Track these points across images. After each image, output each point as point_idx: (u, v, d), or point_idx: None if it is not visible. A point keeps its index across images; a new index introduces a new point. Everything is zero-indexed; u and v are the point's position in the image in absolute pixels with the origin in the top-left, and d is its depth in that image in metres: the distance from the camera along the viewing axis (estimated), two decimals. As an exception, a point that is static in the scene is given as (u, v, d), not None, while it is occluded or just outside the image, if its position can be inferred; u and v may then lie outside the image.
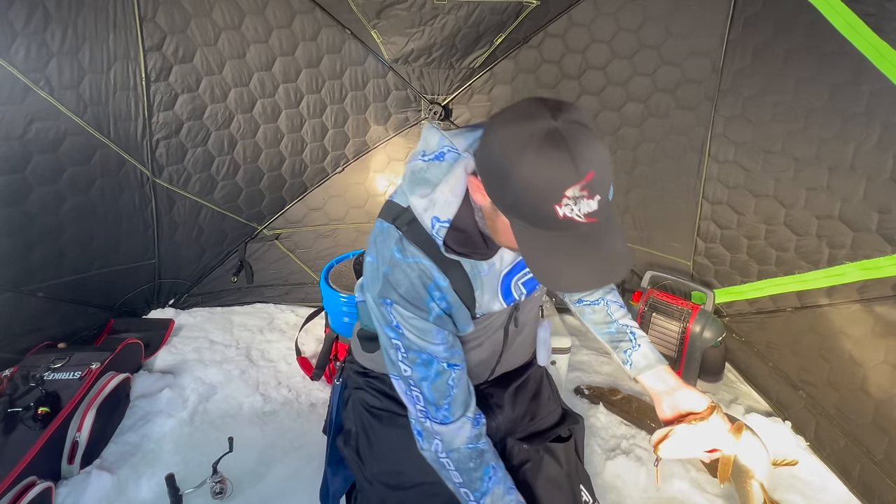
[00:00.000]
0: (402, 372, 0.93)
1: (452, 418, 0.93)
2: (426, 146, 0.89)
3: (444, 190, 0.83)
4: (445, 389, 0.92)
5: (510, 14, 2.20)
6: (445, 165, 0.85)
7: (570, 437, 1.21)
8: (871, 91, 1.60)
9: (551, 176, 0.67)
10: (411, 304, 0.87)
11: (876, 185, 1.64)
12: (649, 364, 1.09)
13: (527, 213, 0.71)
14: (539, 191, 0.68)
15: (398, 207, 0.91)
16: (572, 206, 0.67)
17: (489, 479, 0.95)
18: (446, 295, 0.90)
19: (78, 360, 1.89)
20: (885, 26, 1.51)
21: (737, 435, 0.97)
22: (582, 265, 0.74)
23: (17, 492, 1.42)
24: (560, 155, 0.66)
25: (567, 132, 0.67)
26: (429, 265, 0.87)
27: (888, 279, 1.65)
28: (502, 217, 0.76)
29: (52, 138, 1.87)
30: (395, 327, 0.89)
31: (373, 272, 0.90)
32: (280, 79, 2.34)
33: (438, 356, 0.91)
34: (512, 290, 0.99)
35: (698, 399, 1.00)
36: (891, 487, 1.61)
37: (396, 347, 0.91)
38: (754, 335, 2.26)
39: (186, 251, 2.53)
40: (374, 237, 0.92)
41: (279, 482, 1.73)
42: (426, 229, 0.86)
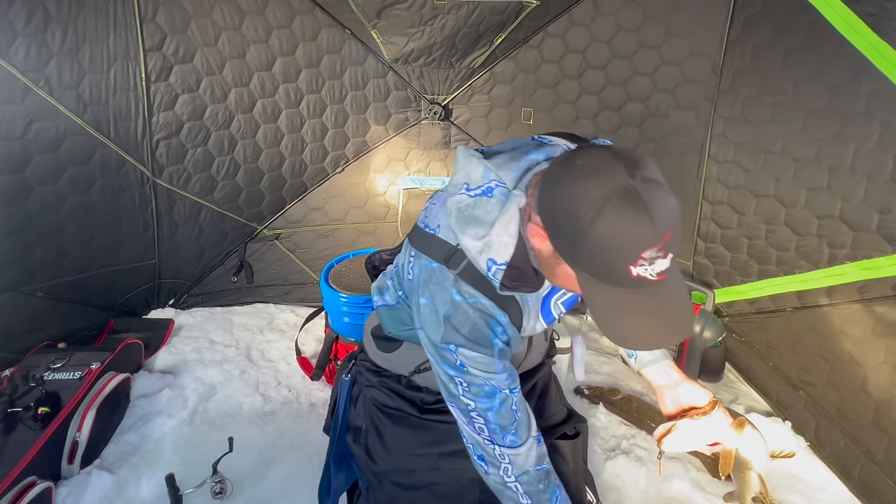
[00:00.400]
0: (466, 405, 0.91)
1: (520, 441, 0.93)
2: (468, 178, 0.85)
3: (498, 231, 0.81)
4: (511, 415, 0.92)
5: (510, 14, 2.20)
6: (495, 203, 0.82)
7: (576, 436, 1.21)
8: (871, 91, 1.60)
9: (630, 238, 0.66)
10: (476, 343, 0.86)
11: (876, 185, 1.64)
12: (654, 358, 1.10)
13: (597, 270, 0.70)
14: (615, 251, 0.67)
15: (447, 246, 0.87)
16: (647, 266, 0.67)
17: (556, 499, 0.96)
18: (507, 330, 0.89)
19: (78, 360, 1.89)
20: (885, 26, 1.52)
21: (739, 430, 0.99)
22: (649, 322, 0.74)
23: (17, 492, 1.42)
24: (640, 217, 0.65)
25: (645, 192, 0.65)
26: (488, 304, 0.86)
27: (888, 279, 1.65)
28: (564, 266, 0.75)
29: (52, 138, 1.87)
30: (459, 367, 0.88)
31: (431, 315, 0.87)
32: (280, 79, 2.34)
33: (501, 386, 0.90)
34: (552, 309, 0.99)
35: (700, 394, 1.02)
36: (891, 487, 1.61)
37: (458, 384, 0.90)
38: (754, 335, 2.26)
39: (186, 251, 2.53)
40: (423, 277, 0.88)
41: (279, 482, 1.73)
42: (480, 270, 0.84)
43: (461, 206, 0.84)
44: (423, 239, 0.91)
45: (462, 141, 2.73)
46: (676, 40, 2.26)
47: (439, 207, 0.93)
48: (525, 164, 0.84)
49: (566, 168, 0.72)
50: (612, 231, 0.66)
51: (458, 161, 0.88)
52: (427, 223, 0.93)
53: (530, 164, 0.85)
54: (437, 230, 0.90)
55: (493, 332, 0.87)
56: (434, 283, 0.87)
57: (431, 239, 0.90)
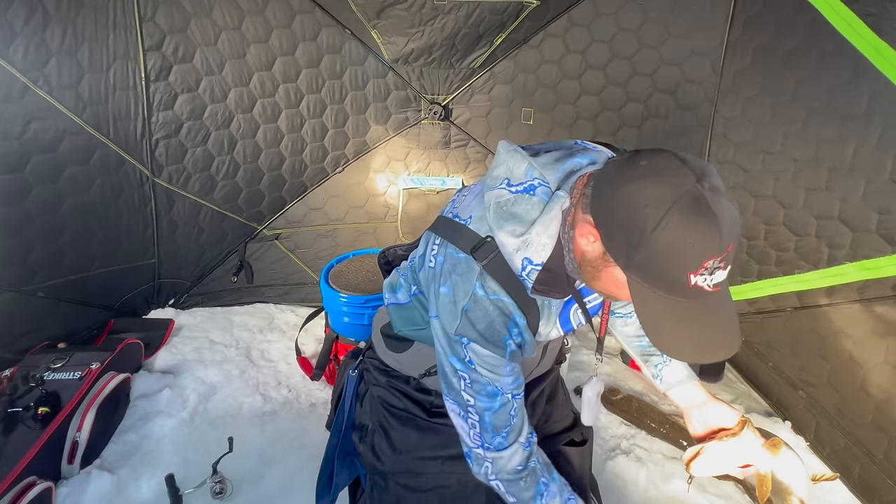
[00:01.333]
0: (465, 400, 0.90)
1: (507, 444, 0.92)
2: (510, 174, 0.82)
3: (539, 231, 0.79)
4: (506, 419, 0.91)
5: (510, 14, 2.20)
6: (537, 202, 0.79)
7: (584, 442, 1.21)
8: (871, 91, 1.61)
9: (695, 245, 0.63)
10: (489, 341, 0.84)
11: (875, 186, 1.64)
12: (680, 380, 1.07)
13: (654, 276, 0.67)
14: (678, 257, 0.64)
15: (475, 237, 0.84)
16: (707, 276, 0.65)
17: (541, 496, 0.94)
18: (523, 333, 0.87)
19: (78, 360, 1.89)
20: (885, 26, 1.52)
21: (773, 451, 0.93)
22: (698, 334, 0.71)
23: (17, 492, 1.42)
24: (708, 225, 0.63)
25: (713, 200, 0.64)
26: (510, 303, 0.83)
27: (888, 279, 1.65)
28: (612, 270, 0.73)
29: (51, 138, 1.87)
30: (468, 363, 0.87)
31: (449, 305, 0.85)
32: (280, 79, 2.34)
33: (504, 388, 0.89)
34: (571, 318, 0.97)
35: (729, 414, 0.98)
36: (891, 487, 1.61)
37: (462, 378, 0.89)
38: (754, 335, 2.26)
39: (186, 251, 2.53)
40: (447, 266, 0.86)
41: (279, 482, 1.73)
42: (513, 268, 0.82)
43: (501, 202, 0.82)
44: (451, 229, 0.89)
45: (462, 141, 2.73)
46: (676, 40, 2.26)
47: (472, 199, 0.91)
48: (569, 167, 0.83)
49: (629, 168, 0.69)
50: (678, 236, 0.64)
51: (499, 155, 0.86)
52: (457, 213, 0.91)
53: (574, 168, 0.83)
54: (468, 221, 0.87)
55: (508, 333, 0.85)
56: (458, 273, 0.85)
57: (461, 229, 0.87)
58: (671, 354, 0.74)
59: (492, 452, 0.91)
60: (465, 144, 2.74)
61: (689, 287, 0.66)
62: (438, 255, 0.89)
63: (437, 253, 0.90)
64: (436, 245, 0.91)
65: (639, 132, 2.48)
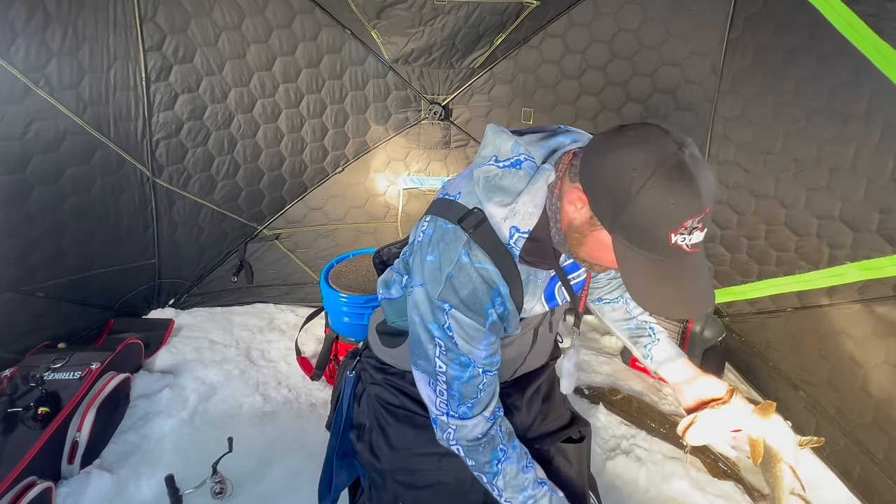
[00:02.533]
0: (436, 367, 0.92)
1: (470, 415, 0.95)
2: (497, 151, 0.88)
3: (526, 201, 0.84)
4: (473, 392, 0.93)
5: (510, 14, 2.20)
6: (523, 175, 0.85)
7: (581, 440, 1.22)
8: (872, 91, 1.60)
9: (677, 204, 0.70)
10: (470, 309, 0.87)
11: (876, 186, 1.64)
12: (669, 357, 1.13)
13: (637, 235, 0.73)
14: (660, 216, 0.71)
15: (462, 208, 0.89)
16: (686, 235, 0.71)
17: (498, 462, 0.97)
18: (506, 302, 0.90)
19: (78, 360, 1.89)
20: (885, 27, 1.52)
21: (763, 415, 0.97)
22: (678, 291, 0.77)
23: (17, 492, 1.42)
24: (688, 186, 0.70)
25: (693, 166, 0.70)
26: (494, 272, 0.87)
27: (888, 279, 1.65)
28: (598, 234, 0.78)
29: (52, 138, 1.87)
30: (446, 329, 0.89)
31: (434, 272, 0.88)
32: (280, 79, 2.34)
33: (477, 361, 0.91)
34: (556, 294, 1.01)
35: (718, 385, 1.04)
36: (891, 487, 1.61)
37: (437, 345, 0.91)
38: (754, 335, 2.26)
39: (186, 251, 2.53)
40: (436, 236, 0.90)
41: (279, 482, 1.73)
42: (500, 237, 0.86)
43: (489, 176, 0.87)
44: (441, 205, 0.93)
45: (462, 141, 2.73)
46: (676, 41, 2.26)
47: (460, 179, 0.96)
48: (553, 144, 0.90)
49: (617, 137, 0.75)
50: (661, 197, 0.70)
51: (487, 136, 0.91)
52: (447, 192, 0.95)
53: (558, 146, 0.90)
54: (457, 196, 0.92)
55: (491, 302, 0.88)
56: (445, 242, 0.88)
57: (451, 204, 0.92)
58: (652, 310, 0.81)
59: (455, 420, 0.95)
60: (465, 144, 2.74)
61: (670, 246, 0.72)
62: (428, 228, 0.92)
63: (426, 228, 0.93)
64: (426, 221, 0.94)
65: (639, 132, 2.48)
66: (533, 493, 0.97)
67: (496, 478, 0.96)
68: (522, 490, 0.96)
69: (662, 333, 1.18)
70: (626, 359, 2.45)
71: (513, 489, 0.96)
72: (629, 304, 1.23)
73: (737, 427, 0.99)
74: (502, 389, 1.18)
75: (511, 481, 0.96)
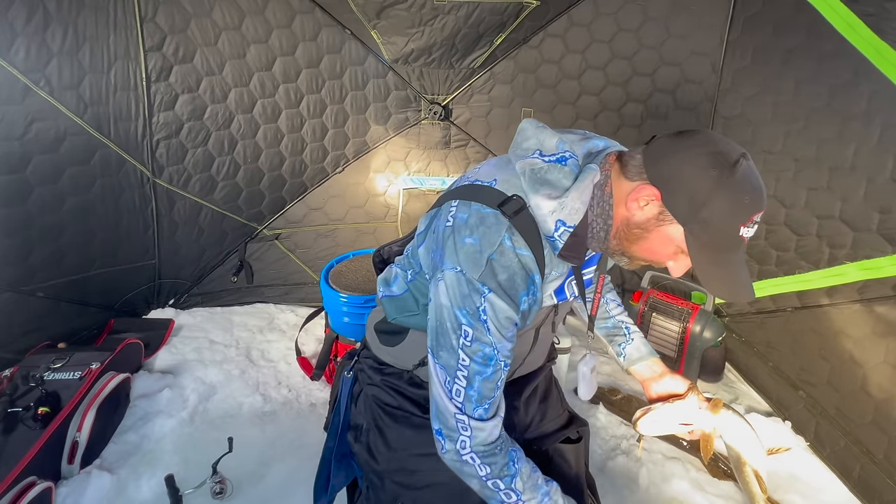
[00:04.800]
0: (458, 362, 0.90)
1: (487, 416, 0.92)
2: (541, 146, 0.91)
3: (574, 197, 0.87)
4: (493, 389, 0.92)
5: (510, 14, 2.20)
6: (568, 171, 0.89)
7: (579, 440, 1.22)
8: (871, 91, 1.61)
9: (749, 201, 0.78)
10: (507, 294, 0.88)
11: (876, 185, 1.64)
12: (641, 356, 1.19)
13: (712, 227, 0.80)
14: (736, 212, 0.79)
15: (500, 194, 0.90)
16: (750, 228, 0.80)
17: (514, 462, 0.95)
18: (538, 291, 0.92)
19: (78, 360, 1.89)
20: (884, 27, 1.52)
21: (714, 410, 1.03)
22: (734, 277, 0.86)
23: (17, 492, 1.42)
24: (756, 184, 0.80)
25: (754, 167, 0.81)
26: (532, 259, 0.89)
27: (888, 279, 1.65)
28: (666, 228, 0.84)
29: (52, 138, 1.87)
30: (480, 312, 0.87)
31: (475, 255, 0.87)
32: (280, 79, 2.34)
33: (502, 353, 0.90)
34: (565, 289, 1.02)
35: (679, 383, 1.12)
36: (891, 487, 1.61)
37: (465, 334, 0.88)
38: (754, 335, 2.26)
39: (186, 251, 2.53)
40: (474, 220, 0.88)
41: (279, 482, 1.73)
42: (543, 230, 0.89)
43: (535, 169, 0.90)
44: (472, 190, 0.93)
45: (462, 141, 2.73)
46: (676, 40, 2.26)
47: (490, 168, 0.97)
48: (591, 146, 0.94)
49: (686, 139, 0.82)
50: (737, 194, 0.78)
51: (526, 130, 0.95)
52: (478, 178, 0.96)
53: (594, 148, 0.94)
54: (493, 182, 0.93)
55: (526, 289, 0.89)
56: (486, 225, 0.88)
57: (485, 189, 0.92)
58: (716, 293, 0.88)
59: (475, 422, 0.91)
60: (465, 144, 2.74)
61: (738, 237, 0.80)
62: (459, 213, 0.90)
63: (457, 212, 0.91)
64: (453, 206, 0.92)
65: (639, 132, 2.48)
66: (547, 490, 0.95)
67: (514, 480, 0.93)
68: (538, 488, 0.95)
69: (637, 334, 1.23)
70: (626, 359, 2.45)
71: (531, 489, 0.94)
72: (608, 305, 1.27)
73: (687, 421, 1.06)
74: None
75: (528, 481, 0.94)
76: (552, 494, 0.96)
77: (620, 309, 1.27)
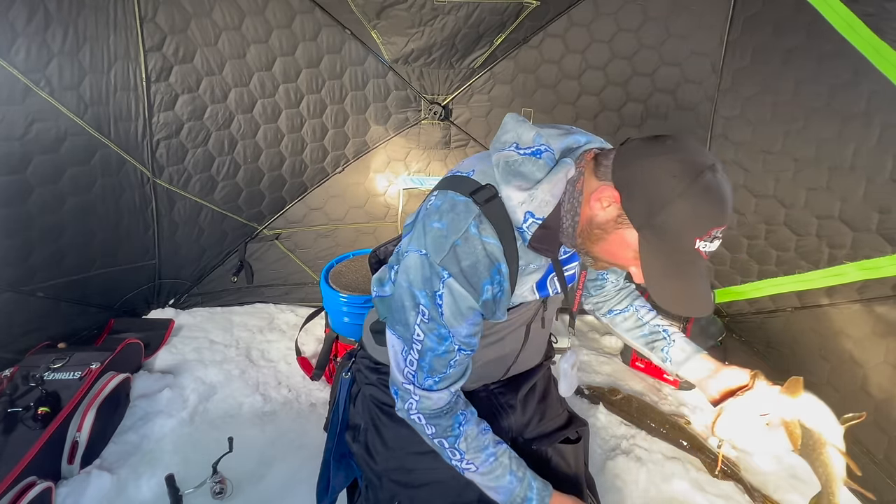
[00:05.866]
0: (413, 335, 0.93)
1: (436, 388, 0.97)
2: (518, 139, 0.91)
3: (545, 189, 0.87)
4: (443, 367, 0.95)
5: (510, 14, 2.20)
6: (542, 164, 0.88)
7: (579, 440, 1.22)
8: (871, 91, 1.61)
9: (710, 213, 0.76)
10: (468, 282, 0.88)
11: (876, 185, 1.64)
12: (687, 356, 1.12)
13: (666, 236, 0.78)
14: (692, 223, 0.76)
15: (475, 183, 0.92)
16: (707, 242, 0.78)
17: (460, 424, 0.99)
18: (504, 281, 0.92)
19: (78, 360, 1.89)
20: (884, 27, 1.52)
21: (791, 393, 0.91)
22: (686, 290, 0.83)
23: (17, 492, 1.42)
24: (720, 198, 0.76)
25: (723, 179, 0.77)
26: (498, 247, 0.89)
27: (888, 279, 1.65)
28: (623, 232, 0.83)
29: (52, 139, 1.87)
30: (436, 296, 0.90)
31: (439, 238, 0.89)
32: (280, 79, 2.34)
33: (457, 336, 0.92)
34: (547, 285, 1.02)
35: (740, 374, 1.03)
36: (891, 487, 1.61)
37: (422, 313, 0.92)
38: (754, 335, 2.26)
39: (186, 251, 2.53)
40: (446, 206, 0.91)
41: (279, 482, 1.73)
42: (513, 220, 0.89)
43: (509, 161, 0.89)
44: (452, 181, 0.95)
45: (462, 141, 2.73)
46: (676, 40, 2.26)
47: (474, 160, 0.99)
48: (571, 141, 0.93)
49: (657, 144, 0.80)
50: (696, 205, 0.76)
51: (507, 124, 0.94)
52: (459, 170, 0.98)
53: (574, 144, 0.93)
54: (470, 173, 0.95)
55: (490, 278, 0.90)
56: (456, 212, 0.89)
57: (463, 179, 0.94)
58: (664, 304, 0.84)
59: (420, 391, 0.97)
60: (465, 144, 2.74)
61: (693, 250, 0.78)
62: (436, 200, 0.93)
63: (434, 200, 0.94)
64: (433, 195, 0.96)
65: (639, 132, 2.48)
66: (494, 451, 1.00)
67: (458, 440, 0.99)
68: (483, 449, 0.99)
69: (677, 334, 1.16)
70: (626, 359, 2.45)
71: (475, 450, 0.99)
72: (639, 312, 1.23)
73: (765, 411, 0.96)
74: (495, 389, 1.18)
75: (472, 442, 0.99)
76: (499, 456, 1.00)
77: (653, 314, 1.23)
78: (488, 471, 0.99)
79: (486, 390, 1.19)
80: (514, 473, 1.00)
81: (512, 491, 0.99)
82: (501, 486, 0.99)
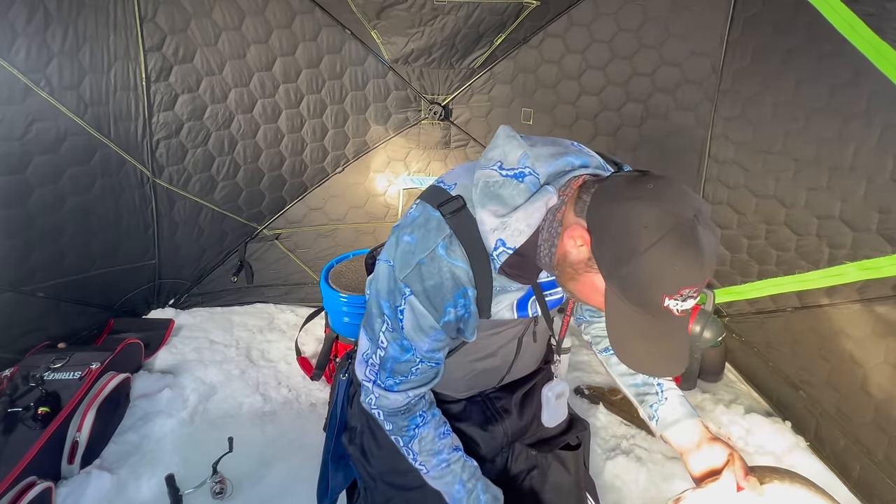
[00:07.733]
0: (379, 341, 0.95)
1: (396, 389, 0.97)
2: (503, 157, 0.85)
3: (519, 217, 0.81)
4: (405, 371, 0.95)
5: (510, 14, 2.20)
6: (523, 189, 0.82)
7: (579, 445, 1.20)
8: (871, 91, 1.60)
9: (679, 273, 0.68)
10: (430, 301, 0.86)
11: (876, 185, 1.64)
12: (677, 419, 1.00)
13: (632, 290, 0.71)
14: (660, 280, 0.69)
15: (445, 193, 0.89)
16: (679, 301, 0.70)
17: (416, 426, 1.00)
18: (470, 305, 0.88)
19: (78, 360, 1.89)
20: (884, 26, 1.51)
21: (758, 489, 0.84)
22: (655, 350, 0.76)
23: (17, 492, 1.42)
24: (695, 256, 0.68)
25: (703, 235, 0.68)
26: (466, 272, 0.85)
27: (888, 279, 1.64)
28: (593, 276, 0.76)
29: (52, 139, 1.87)
30: (398, 311, 0.89)
31: (406, 254, 0.86)
32: (280, 79, 2.34)
33: (419, 351, 0.92)
34: (528, 307, 0.98)
35: (719, 452, 0.92)
36: (891, 487, 1.61)
37: (385, 323, 0.92)
38: (754, 335, 2.26)
39: (186, 251, 2.53)
40: (420, 220, 0.88)
41: (279, 482, 1.73)
42: (485, 245, 0.84)
43: (489, 181, 0.84)
44: (434, 192, 0.92)
45: (462, 141, 2.73)
46: (676, 40, 2.26)
47: (461, 170, 0.94)
48: (562, 164, 0.85)
49: (635, 186, 0.72)
50: (666, 261, 0.68)
51: (497, 138, 0.88)
52: (443, 181, 0.94)
53: (566, 167, 0.86)
54: (451, 187, 0.91)
55: (453, 301, 0.87)
56: (427, 228, 0.86)
57: (443, 193, 0.90)
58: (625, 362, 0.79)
59: (380, 389, 0.97)
60: (465, 144, 2.74)
61: (661, 308, 0.70)
62: (416, 211, 0.91)
63: (414, 210, 0.92)
64: (415, 205, 0.94)
65: (639, 132, 2.48)
66: (447, 458, 0.99)
67: (412, 441, 0.99)
68: (437, 454, 0.99)
69: (672, 391, 1.04)
70: (626, 359, 2.44)
71: (427, 453, 0.99)
72: None
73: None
74: (491, 394, 1.17)
75: (426, 445, 0.99)
76: (451, 463, 0.99)
77: None
78: (438, 476, 0.99)
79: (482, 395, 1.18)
80: (464, 483, 0.99)
81: (459, 501, 0.99)
82: (449, 493, 1.00)
